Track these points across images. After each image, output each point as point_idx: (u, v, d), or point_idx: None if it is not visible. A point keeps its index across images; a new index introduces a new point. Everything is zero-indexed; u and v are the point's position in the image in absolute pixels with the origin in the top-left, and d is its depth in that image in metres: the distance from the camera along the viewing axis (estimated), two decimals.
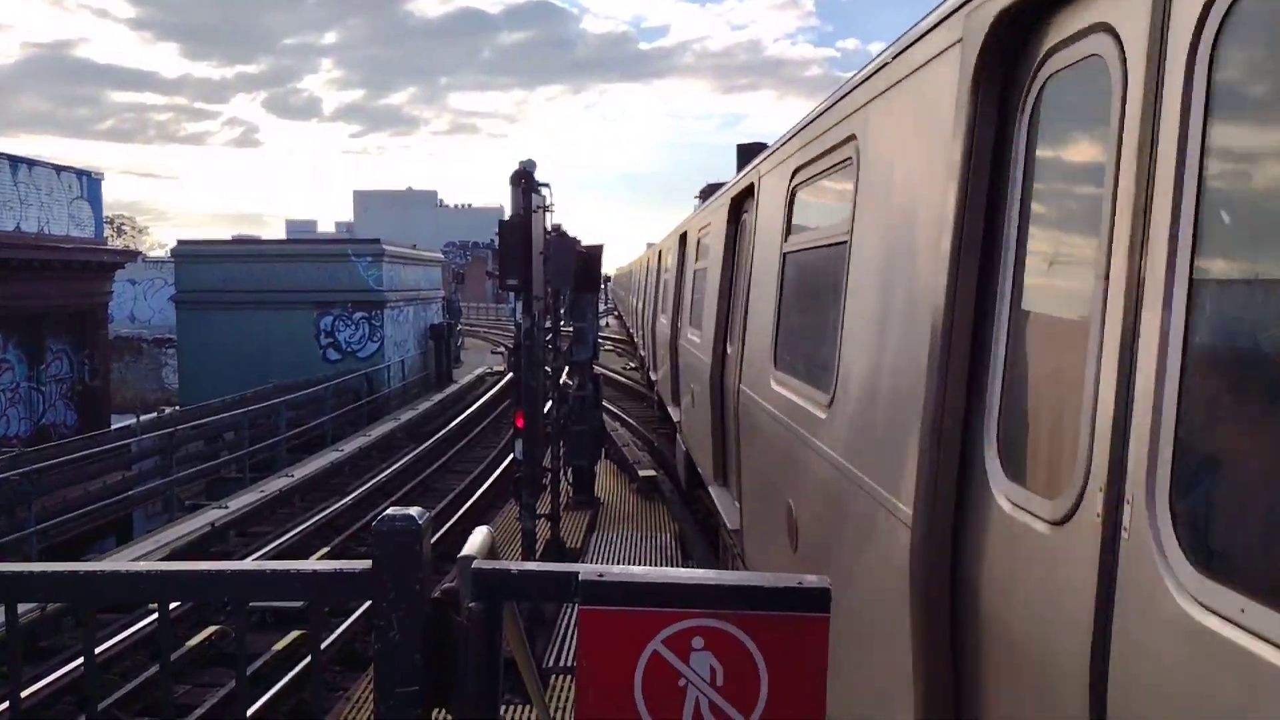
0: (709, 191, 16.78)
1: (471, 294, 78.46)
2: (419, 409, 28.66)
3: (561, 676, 7.75)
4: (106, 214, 28.54)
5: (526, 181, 8.73)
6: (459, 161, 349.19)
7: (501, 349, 45.59)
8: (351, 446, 22.51)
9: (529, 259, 8.64)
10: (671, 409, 13.68)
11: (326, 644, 10.27)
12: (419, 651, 2.04)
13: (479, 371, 38.40)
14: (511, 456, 10.62)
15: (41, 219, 22.86)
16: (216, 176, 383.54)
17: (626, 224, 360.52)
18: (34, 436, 21.83)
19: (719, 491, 8.14)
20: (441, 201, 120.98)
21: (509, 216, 8.82)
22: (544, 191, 9.16)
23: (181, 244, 32.29)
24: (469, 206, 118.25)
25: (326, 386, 25.78)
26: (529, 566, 2.16)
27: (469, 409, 28.14)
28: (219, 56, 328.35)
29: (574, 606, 1.99)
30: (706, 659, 1.93)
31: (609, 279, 65.62)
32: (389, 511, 2.10)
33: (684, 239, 13.33)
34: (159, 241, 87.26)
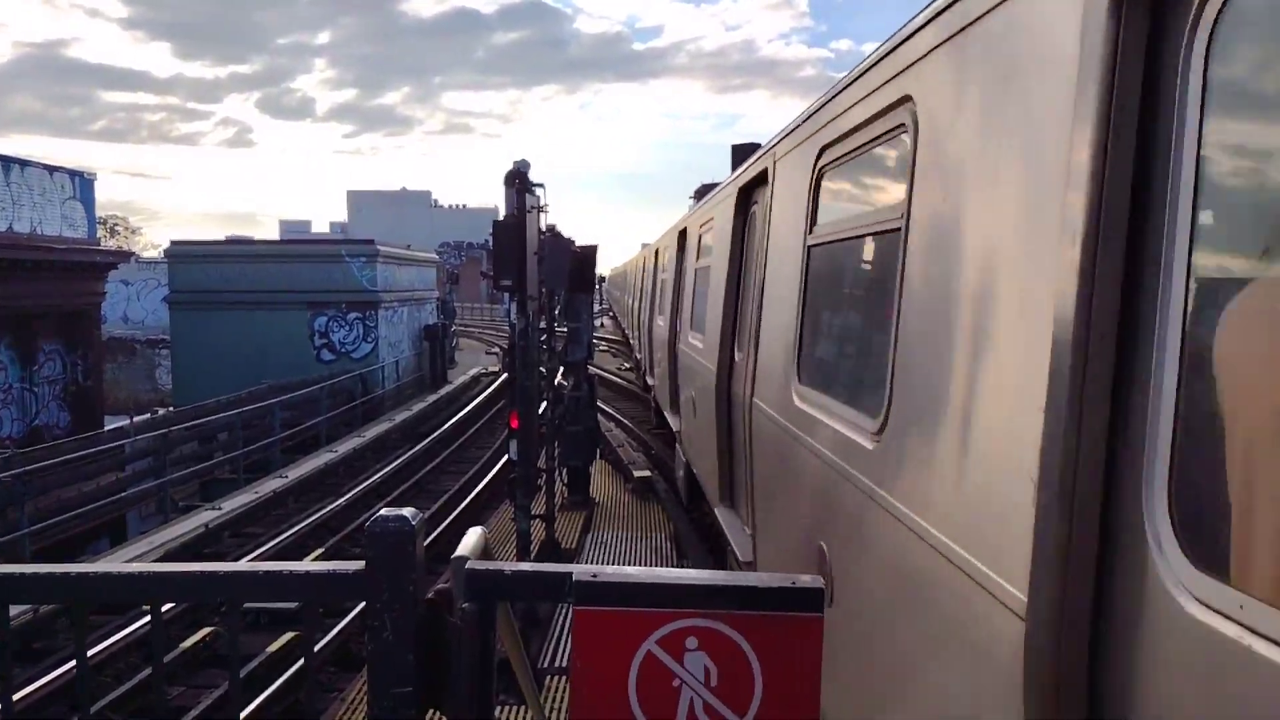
0: (704, 191, 16.73)
1: (466, 294, 78.32)
2: (413, 410, 28.64)
3: (556, 677, 7.74)
4: (99, 214, 28.44)
5: (521, 181, 8.71)
6: (453, 162, 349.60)
7: (496, 349, 45.56)
8: (346, 447, 22.49)
9: (523, 259, 8.62)
10: (670, 416, 13.10)
11: (321, 645, 10.26)
12: (412, 652, 2.04)
13: (474, 372, 38.37)
14: (506, 457, 10.61)
15: (34, 219, 22.79)
16: (210, 177, 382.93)
17: (621, 224, 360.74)
18: (27, 438, 21.75)
19: (726, 514, 7.49)
20: (436, 202, 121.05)
21: (503, 217, 8.80)
22: (538, 192, 9.14)
23: (175, 244, 32.20)
24: (463, 207, 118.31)
25: (321, 387, 25.76)
26: (522, 567, 2.15)
27: (464, 410, 28.11)
28: (212, 56, 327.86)
29: (568, 607, 1.99)
30: (700, 659, 1.93)
31: (604, 279, 65.75)
32: (382, 512, 2.10)
33: (683, 235, 12.68)
34: (152, 242, 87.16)
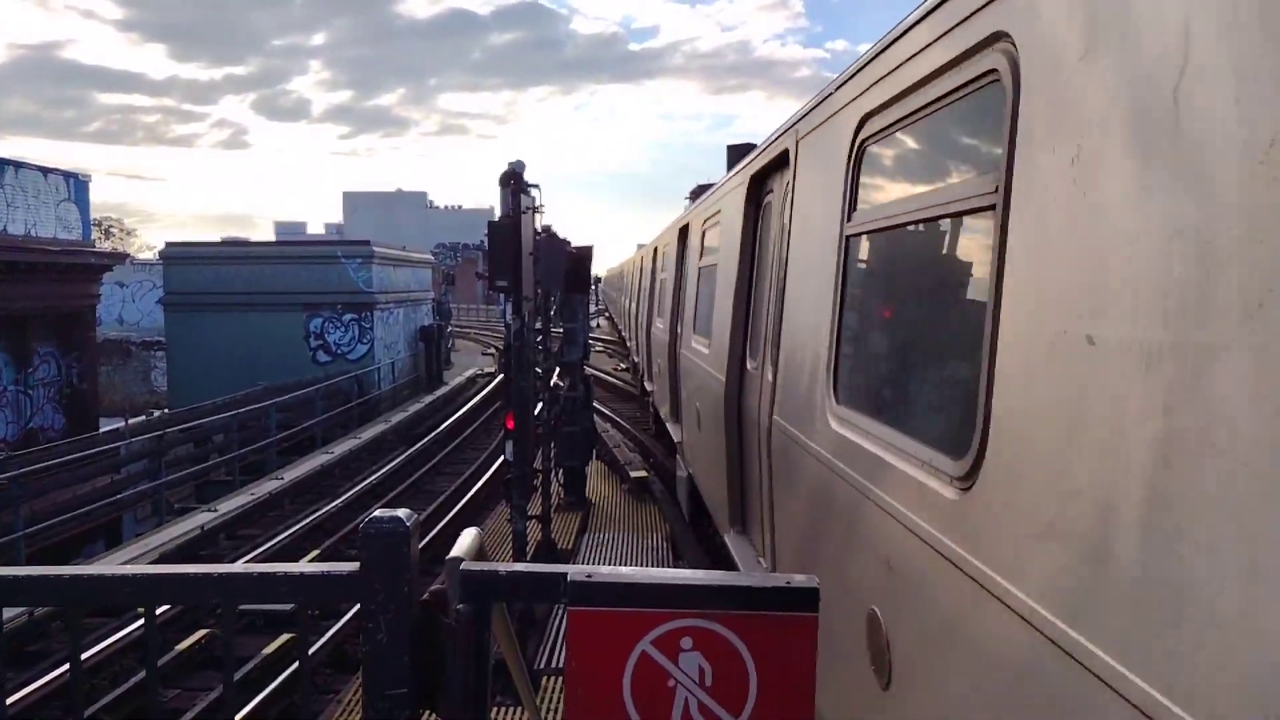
0: (699, 192, 16.67)
1: (462, 295, 78.30)
2: (409, 411, 28.61)
3: (553, 677, 7.73)
4: (94, 216, 28.39)
5: (516, 182, 8.71)
6: (449, 163, 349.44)
7: (492, 350, 45.54)
8: (342, 449, 22.45)
9: (519, 260, 8.62)
10: (671, 426, 12.34)
11: (317, 647, 10.25)
12: (407, 654, 2.04)
13: (470, 373, 38.34)
14: (502, 458, 10.61)
15: (28, 221, 22.74)
16: (205, 178, 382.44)
17: (617, 225, 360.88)
18: (21, 440, 21.70)
19: (738, 541, 6.75)
20: (431, 203, 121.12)
21: (498, 217, 8.81)
22: (534, 192, 9.14)
23: (170, 246, 32.16)
24: (459, 208, 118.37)
25: (316, 389, 25.74)
26: (517, 567, 2.15)
27: (459, 411, 28.09)
28: (207, 58, 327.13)
29: (565, 608, 1.99)
30: (695, 659, 1.93)
31: (599, 280, 65.80)
32: (376, 514, 2.10)
33: (684, 232, 12.00)
34: (147, 244, 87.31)
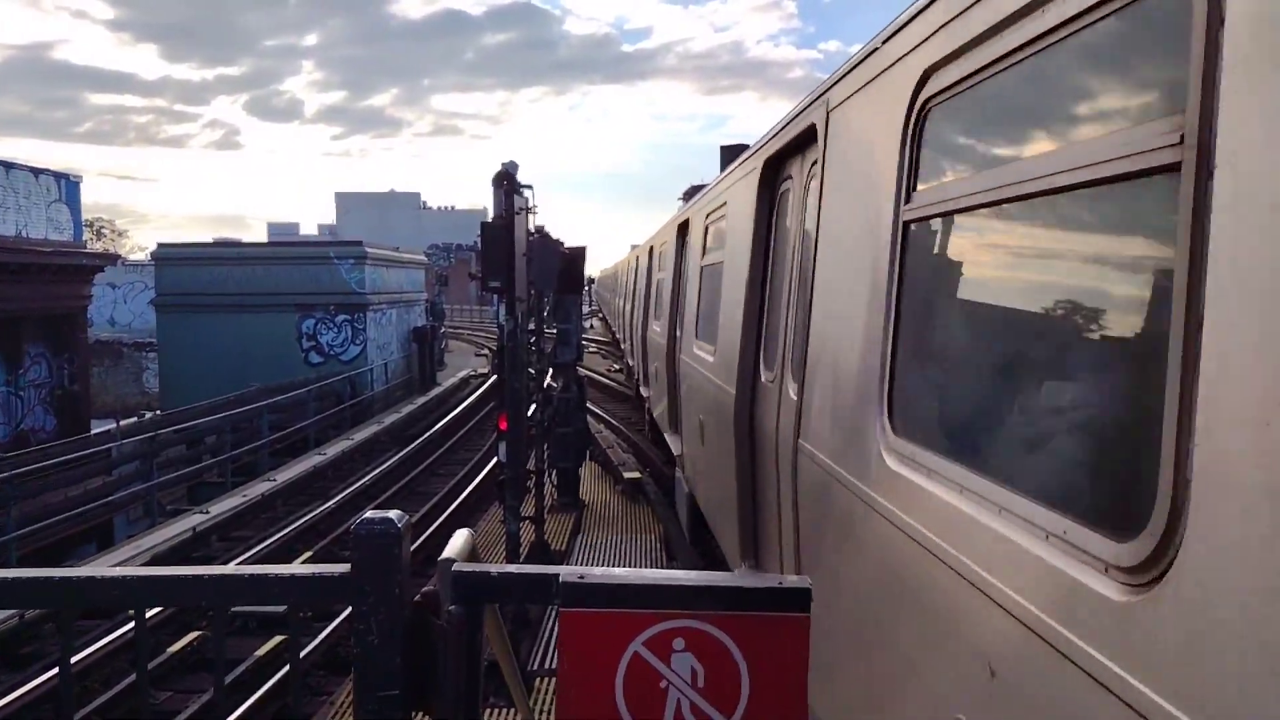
0: (693, 192, 16.67)
1: (455, 296, 78.21)
2: (402, 412, 28.57)
3: (546, 679, 7.73)
4: (85, 217, 28.32)
5: (509, 183, 8.72)
6: (442, 163, 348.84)
7: (485, 351, 45.50)
8: (334, 450, 22.40)
9: (512, 261, 8.62)
10: (670, 437, 11.57)
11: (310, 648, 10.23)
12: (399, 655, 2.03)
13: (463, 374, 38.30)
14: (495, 459, 10.59)
15: (19, 222, 22.65)
16: (197, 179, 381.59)
17: (610, 225, 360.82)
18: (12, 442, 21.61)
19: None
20: (424, 203, 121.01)
21: (492, 218, 8.81)
22: (527, 193, 9.15)
23: (162, 247, 32.03)
24: (452, 208, 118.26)
25: (309, 390, 25.68)
26: (509, 569, 2.15)
27: (453, 412, 28.06)
28: (199, 58, 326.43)
29: (557, 609, 1.98)
30: (687, 660, 1.93)
31: (593, 280, 65.79)
32: (368, 514, 2.09)
33: (684, 229, 11.23)
34: (139, 245, 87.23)
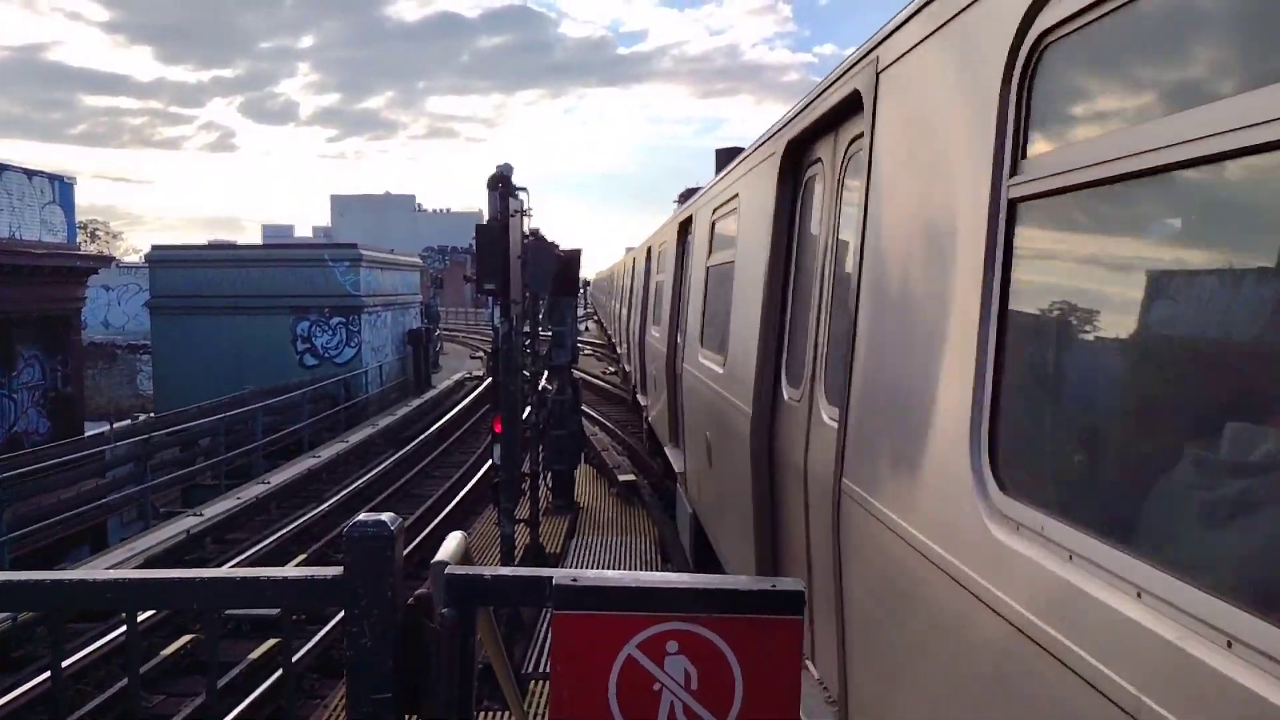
0: (688, 195, 16.68)
1: (450, 298, 78.09)
2: (397, 414, 28.53)
3: (540, 682, 7.72)
4: (80, 219, 28.27)
5: (504, 185, 8.71)
6: (437, 166, 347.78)
7: (480, 354, 45.47)
8: (329, 453, 22.36)
9: (507, 263, 8.62)
10: (671, 452, 10.81)
11: (304, 651, 10.20)
12: (392, 658, 2.03)
13: (458, 376, 38.26)
14: (490, 462, 10.58)
15: (13, 224, 22.61)
16: (192, 181, 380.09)
17: (605, 228, 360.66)
18: (6, 444, 21.55)
19: None
20: (420, 206, 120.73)
21: (487, 221, 8.81)
22: (522, 195, 9.14)
23: (156, 249, 31.96)
24: (447, 211, 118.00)
25: (304, 392, 25.62)
26: (503, 571, 2.15)
27: (448, 414, 28.02)
28: (194, 60, 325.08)
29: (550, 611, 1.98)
30: (681, 663, 1.93)
31: (588, 283, 65.77)
32: (360, 517, 2.09)
33: (686, 227, 10.53)
34: (133, 247, 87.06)
